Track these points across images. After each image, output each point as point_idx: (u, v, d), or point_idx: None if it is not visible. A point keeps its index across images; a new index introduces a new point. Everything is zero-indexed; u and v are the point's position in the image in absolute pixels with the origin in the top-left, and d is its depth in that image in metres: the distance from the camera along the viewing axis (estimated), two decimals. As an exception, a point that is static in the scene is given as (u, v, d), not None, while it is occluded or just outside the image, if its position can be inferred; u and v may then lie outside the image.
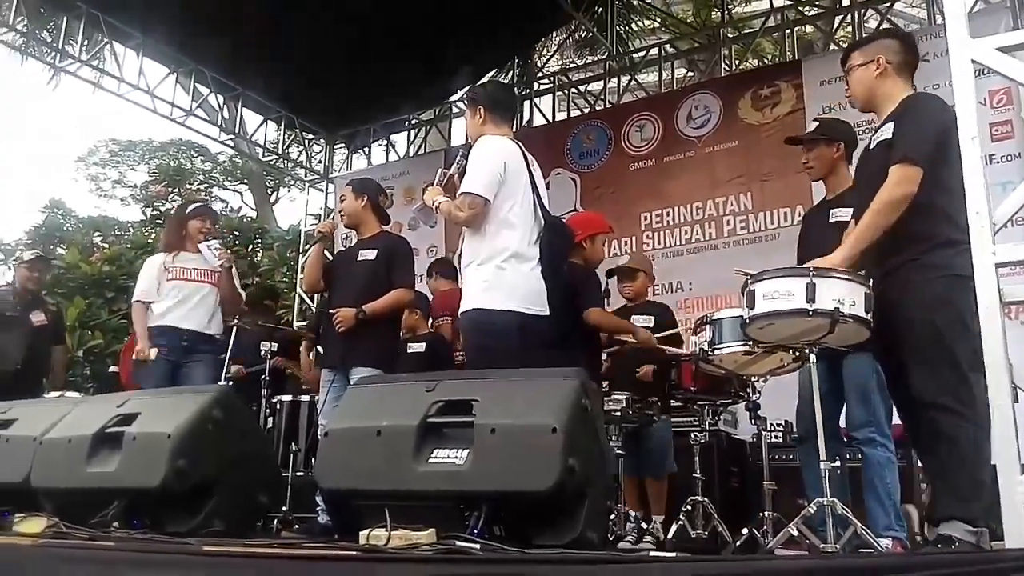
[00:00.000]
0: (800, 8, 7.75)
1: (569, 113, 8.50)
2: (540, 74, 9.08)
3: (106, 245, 12.84)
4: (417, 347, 5.27)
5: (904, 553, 3.17)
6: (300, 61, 7.54)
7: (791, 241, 3.92)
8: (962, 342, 2.62)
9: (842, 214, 3.48)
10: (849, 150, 3.67)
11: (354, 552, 2.28)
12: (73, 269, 10.70)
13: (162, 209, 12.68)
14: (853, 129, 3.90)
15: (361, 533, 2.36)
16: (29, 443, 3.28)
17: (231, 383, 5.18)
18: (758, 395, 3.62)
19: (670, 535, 3.72)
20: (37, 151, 39.62)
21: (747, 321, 2.96)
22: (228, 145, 10.42)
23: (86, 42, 7.35)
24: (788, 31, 7.57)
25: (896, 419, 3.30)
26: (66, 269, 10.60)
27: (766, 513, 3.32)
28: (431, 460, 2.44)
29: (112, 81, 7.57)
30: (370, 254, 4.28)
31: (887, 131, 2.91)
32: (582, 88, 8.64)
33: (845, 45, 7.40)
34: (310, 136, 9.62)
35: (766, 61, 9.32)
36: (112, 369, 7.24)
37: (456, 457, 2.41)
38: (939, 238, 2.72)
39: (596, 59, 9.40)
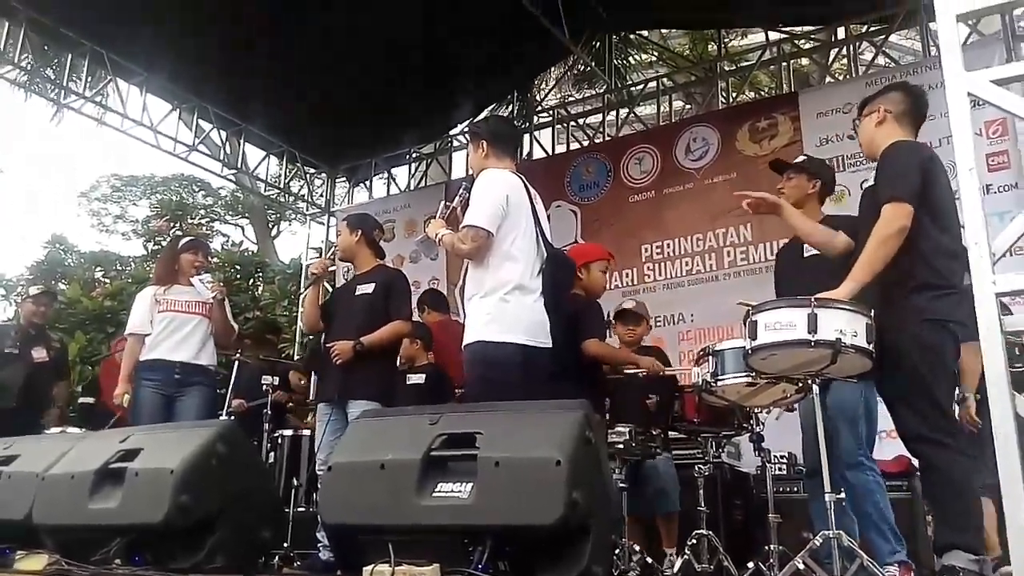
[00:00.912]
0: (796, 42, 7.85)
1: (568, 146, 8.56)
2: (539, 108, 9.17)
3: (107, 280, 12.87)
4: (416, 378, 5.26)
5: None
6: (302, 97, 7.64)
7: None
8: (943, 383, 2.81)
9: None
10: (824, 192, 3.76)
11: (358, 588, 2.27)
12: (74, 304, 10.71)
13: (164, 244, 12.72)
14: (834, 177, 4.02)
15: (364, 569, 2.34)
16: (31, 479, 3.26)
17: (232, 417, 5.18)
18: (762, 427, 3.61)
19: (676, 569, 3.69)
20: (39, 186, 39.91)
21: (749, 352, 2.98)
22: (230, 180, 10.50)
23: (90, 78, 7.42)
24: (784, 64, 7.67)
25: (899, 451, 3.30)
26: (67, 304, 10.60)
27: (771, 546, 3.29)
28: (435, 494, 2.42)
29: (115, 117, 7.65)
30: (368, 288, 4.29)
31: (872, 178, 3.04)
32: (581, 121, 8.72)
33: (841, 78, 7.57)
34: (312, 170, 9.70)
35: (763, 93, 9.41)
36: (84, 400, 7.12)
37: (460, 491, 2.39)
38: (916, 280, 2.83)
39: (595, 93, 9.49)
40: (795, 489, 4.31)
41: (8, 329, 6.14)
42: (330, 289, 5.63)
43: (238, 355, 5.30)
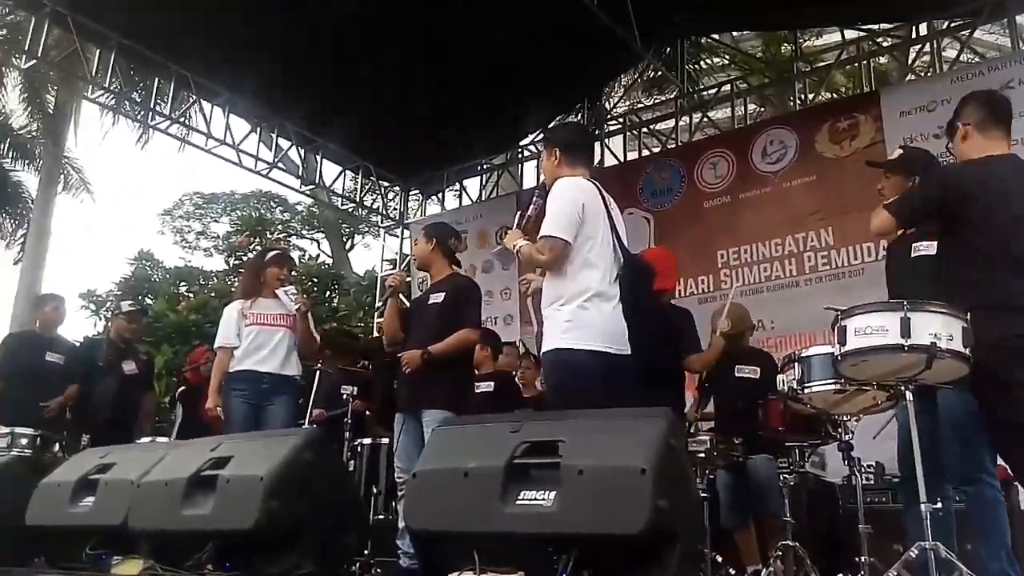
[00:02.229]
0: (875, 39, 7.63)
1: (640, 153, 8.52)
2: (609, 115, 9.14)
3: (191, 294, 13.33)
4: (485, 386, 5.28)
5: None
6: (376, 113, 7.84)
7: (875, 277, 3.84)
8: None
9: (924, 247, 3.42)
10: None
11: (445, 595, 2.29)
12: (161, 318, 11.18)
13: (244, 258, 13.15)
14: (937, 164, 3.83)
15: (450, 575, 2.35)
16: (127, 486, 3.38)
17: (315, 426, 5.28)
18: (851, 435, 3.50)
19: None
20: (125, 206, 41.77)
21: (838, 358, 2.90)
22: (307, 195, 10.79)
23: (174, 101, 7.79)
24: (863, 63, 7.48)
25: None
26: (155, 318, 11.05)
27: (862, 558, 3.17)
28: (518, 502, 2.41)
29: (199, 137, 8.02)
30: (439, 297, 4.33)
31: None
32: (652, 127, 8.66)
33: (923, 74, 7.33)
34: (386, 184, 9.90)
35: (839, 94, 9.17)
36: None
37: (543, 499, 2.38)
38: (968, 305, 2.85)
39: (666, 98, 9.42)
40: (884, 500, 4.20)
41: (99, 343, 6.40)
42: (406, 303, 5.69)
43: (319, 366, 5.40)
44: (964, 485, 3.16)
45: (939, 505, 2.84)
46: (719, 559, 3.69)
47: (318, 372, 5.36)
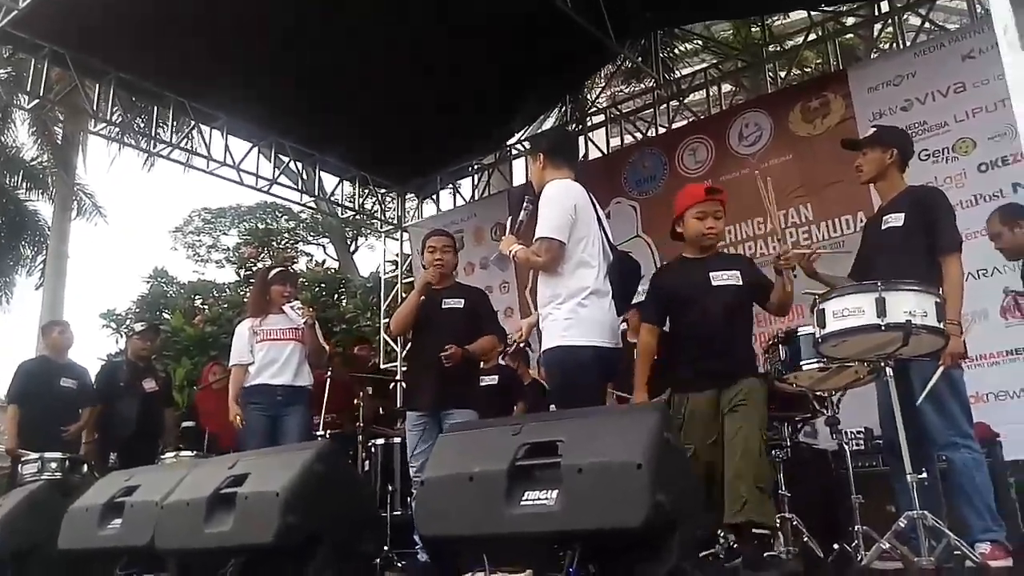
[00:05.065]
0: (840, 19, 7.71)
1: (623, 141, 8.58)
2: (591, 108, 9.22)
3: (206, 307, 13.45)
4: (489, 380, 5.41)
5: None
6: (368, 124, 7.95)
7: (855, 248, 3.91)
8: None
9: (893, 219, 3.51)
10: (903, 160, 3.68)
11: (461, 596, 2.36)
12: (178, 332, 11.35)
13: (254, 268, 13.29)
14: (910, 141, 3.91)
15: (463, 576, 2.43)
16: (151, 508, 3.48)
17: (328, 432, 5.43)
18: (837, 410, 3.57)
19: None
20: (138, 227, 42.09)
21: (819, 340, 2.99)
22: (309, 207, 10.88)
23: (175, 125, 7.92)
24: (830, 42, 7.56)
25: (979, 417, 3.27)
26: (172, 333, 11.23)
27: (856, 527, 3.24)
28: (523, 502, 2.47)
29: (201, 160, 8.11)
30: (458, 303, 4.43)
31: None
32: (633, 116, 8.72)
33: (887, 47, 7.39)
34: (382, 190, 10.01)
35: (809, 70, 9.17)
36: (186, 424, 7.34)
37: (546, 498, 2.44)
38: None
39: (645, 87, 9.49)
40: (874, 464, 4.27)
41: (119, 364, 6.56)
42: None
43: (329, 373, 5.54)
44: (943, 451, 3.27)
45: (924, 475, 2.92)
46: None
47: (328, 379, 5.50)
